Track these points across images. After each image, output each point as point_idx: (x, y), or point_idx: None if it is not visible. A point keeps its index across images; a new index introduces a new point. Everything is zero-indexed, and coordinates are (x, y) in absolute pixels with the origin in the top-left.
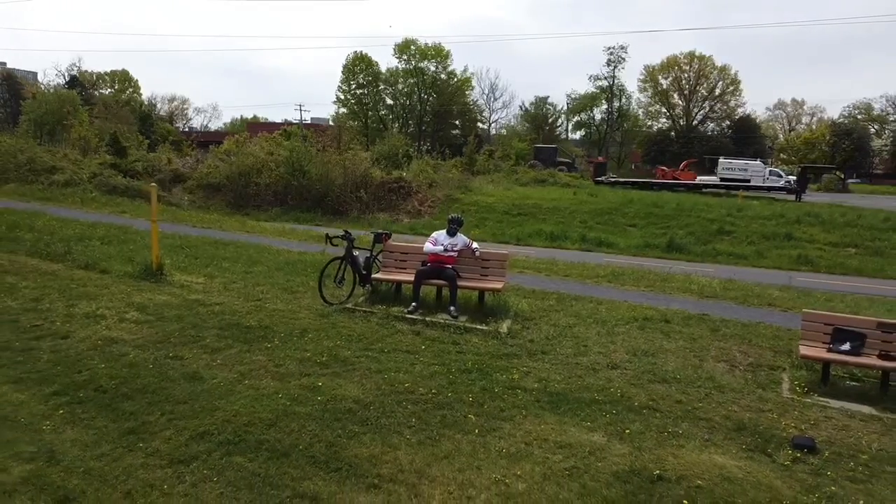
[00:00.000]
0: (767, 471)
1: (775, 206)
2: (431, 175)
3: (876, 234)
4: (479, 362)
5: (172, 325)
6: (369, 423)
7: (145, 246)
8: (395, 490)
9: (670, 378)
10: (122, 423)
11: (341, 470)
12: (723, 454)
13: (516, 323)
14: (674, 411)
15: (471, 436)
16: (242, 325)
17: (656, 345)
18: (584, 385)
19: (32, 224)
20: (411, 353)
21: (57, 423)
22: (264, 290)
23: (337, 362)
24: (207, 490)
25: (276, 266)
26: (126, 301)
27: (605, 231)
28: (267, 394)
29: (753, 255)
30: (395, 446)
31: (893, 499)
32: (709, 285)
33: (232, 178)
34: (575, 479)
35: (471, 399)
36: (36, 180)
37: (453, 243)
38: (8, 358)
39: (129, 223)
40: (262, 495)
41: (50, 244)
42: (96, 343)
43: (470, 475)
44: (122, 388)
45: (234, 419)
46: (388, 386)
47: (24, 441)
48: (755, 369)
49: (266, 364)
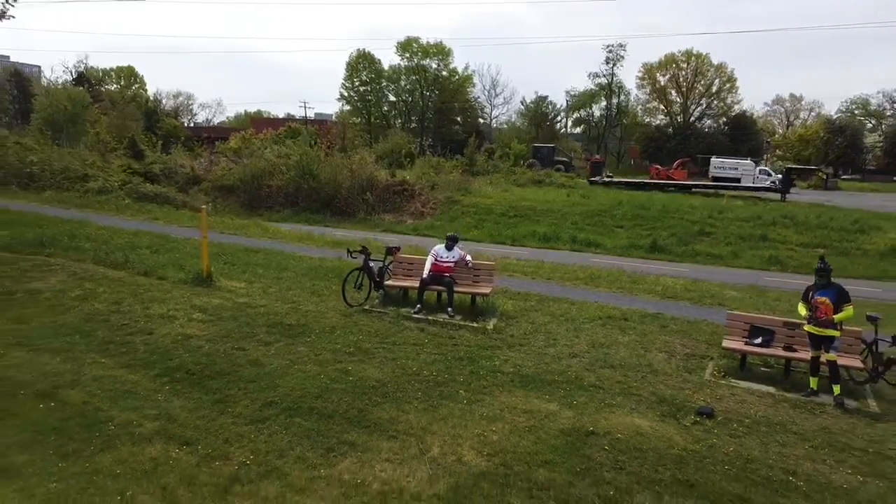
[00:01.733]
0: (671, 429)
1: (755, 208)
2: (433, 177)
3: (844, 235)
4: (469, 352)
5: (230, 323)
6: (387, 395)
7: (188, 254)
8: (407, 440)
9: (617, 364)
10: (211, 395)
11: (369, 427)
12: (642, 418)
13: (501, 321)
14: (613, 389)
15: (461, 405)
16: (285, 323)
17: (612, 339)
18: (548, 370)
19: (85, 233)
20: (417, 345)
21: (166, 396)
22: (296, 293)
23: (360, 352)
24: (279, 439)
25: (302, 272)
26: (189, 304)
27: (594, 232)
28: (312, 375)
29: (729, 256)
30: (406, 411)
31: (755, 446)
32: (672, 287)
33: (245, 180)
34: (532, 434)
35: (462, 379)
36: (71, 188)
37: (451, 256)
38: (114, 349)
39: (165, 231)
40: (317, 442)
41: (109, 253)
42: (176, 338)
43: (459, 430)
44: (205, 371)
45: (291, 393)
46: (400, 370)
47: (148, 407)
48: (688, 358)
49: (308, 354)
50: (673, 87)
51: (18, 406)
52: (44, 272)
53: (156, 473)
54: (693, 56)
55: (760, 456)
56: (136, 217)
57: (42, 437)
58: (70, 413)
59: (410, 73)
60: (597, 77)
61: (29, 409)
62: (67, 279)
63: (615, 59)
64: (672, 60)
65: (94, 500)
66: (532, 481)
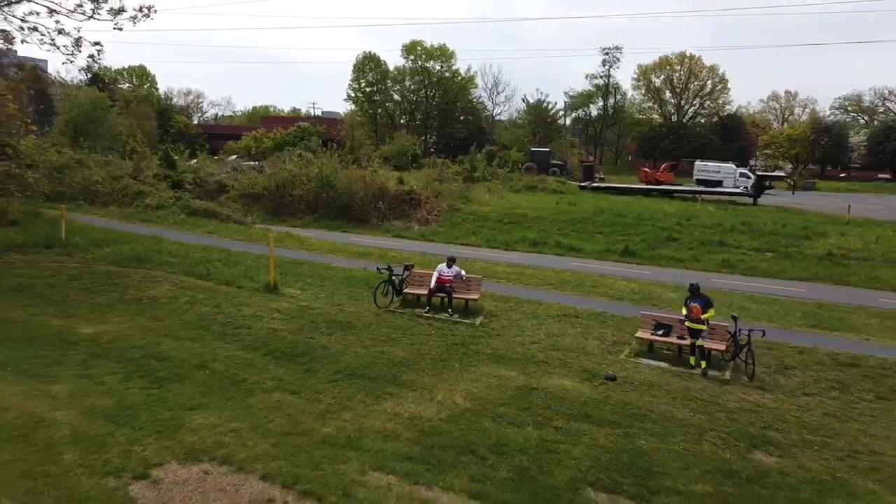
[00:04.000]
0: (585, 387)
1: (719, 215)
2: (437, 187)
3: (791, 240)
4: (462, 340)
5: (300, 321)
6: (409, 366)
7: (252, 266)
8: (422, 391)
9: (562, 348)
10: (301, 366)
11: (399, 384)
12: (569, 381)
13: (486, 319)
14: (555, 363)
15: (455, 372)
16: (336, 320)
17: (563, 331)
18: (513, 351)
19: (164, 248)
20: (427, 335)
21: (273, 366)
22: (338, 298)
23: (390, 340)
24: (347, 391)
25: (339, 280)
26: (267, 307)
27: (576, 238)
28: (360, 355)
29: (690, 260)
30: (421, 376)
31: (635, 397)
32: (623, 289)
33: (270, 189)
34: (498, 389)
35: (456, 357)
36: (131, 203)
37: (450, 272)
38: (230, 338)
39: (225, 245)
40: (369, 393)
41: (192, 266)
42: (268, 330)
43: (454, 386)
44: (292, 352)
45: (350, 365)
46: (416, 351)
47: (265, 373)
48: (614, 344)
49: (356, 341)
50: (667, 87)
51: (187, 373)
52: (152, 283)
53: (281, 409)
54: (686, 58)
55: (636, 402)
56: (194, 231)
57: (209, 390)
58: (220, 377)
59: (415, 73)
60: (594, 78)
61: (194, 375)
62: (172, 288)
63: (611, 61)
64: (666, 62)
65: (249, 421)
66: (496, 413)
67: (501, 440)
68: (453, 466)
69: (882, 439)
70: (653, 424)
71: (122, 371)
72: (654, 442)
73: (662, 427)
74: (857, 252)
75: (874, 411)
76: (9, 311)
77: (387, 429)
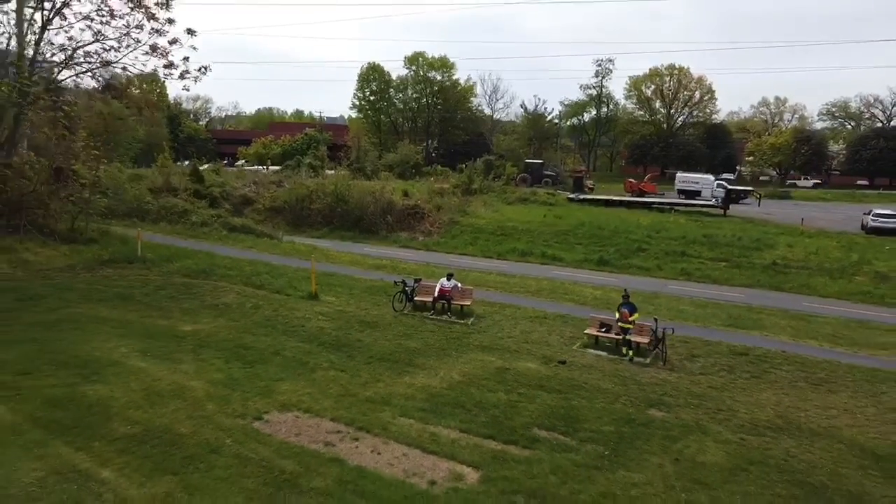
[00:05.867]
0: (543, 368)
1: (685, 227)
2: (438, 201)
3: (743, 251)
4: (458, 335)
5: (339, 321)
6: (420, 353)
7: (294, 277)
8: (430, 370)
9: (531, 341)
10: (344, 353)
11: (414, 366)
12: (533, 364)
13: (476, 320)
14: (524, 352)
15: (452, 358)
16: (365, 321)
17: (533, 329)
18: (495, 344)
19: (220, 262)
20: (432, 332)
21: (325, 353)
22: (365, 304)
23: (405, 335)
24: (379, 370)
25: (363, 289)
26: (313, 311)
27: (559, 248)
28: (385, 346)
29: (654, 268)
30: (428, 359)
31: (578, 375)
32: (587, 296)
33: (290, 203)
34: (482, 369)
35: (453, 347)
36: (178, 221)
37: (449, 284)
38: (291, 334)
39: (265, 259)
40: (394, 371)
41: (248, 278)
42: (318, 329)
43: (452, 367)
44: (337, 344)
45: (378, 353)
46: (424, 343)
47: (321, 358)
48: (570, 339)
49: (381, 336)
50: (657, 97)
51: (268, 358)
52: (222, 292)
53: (335, 381)
54: (675, 69)
55: (577, 378)
56: (236, 246)
57: (286, 369)
58: (290, 360)
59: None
60: (588, 88)
61: (273, 359)
62: (238, 296)
63: (604, 73)
64: (656, 73)
65: (316, 388)
66: (479, 384)
67: (482, 400)
68: (450, 415)
69: (742, 403)
70: (585, 392)
71: (222, 356)
72: (583, 402)
73: (591, 393)
74: (798, 262)
75: (746, 385)
76: (125, 315)
77: (406, 393)
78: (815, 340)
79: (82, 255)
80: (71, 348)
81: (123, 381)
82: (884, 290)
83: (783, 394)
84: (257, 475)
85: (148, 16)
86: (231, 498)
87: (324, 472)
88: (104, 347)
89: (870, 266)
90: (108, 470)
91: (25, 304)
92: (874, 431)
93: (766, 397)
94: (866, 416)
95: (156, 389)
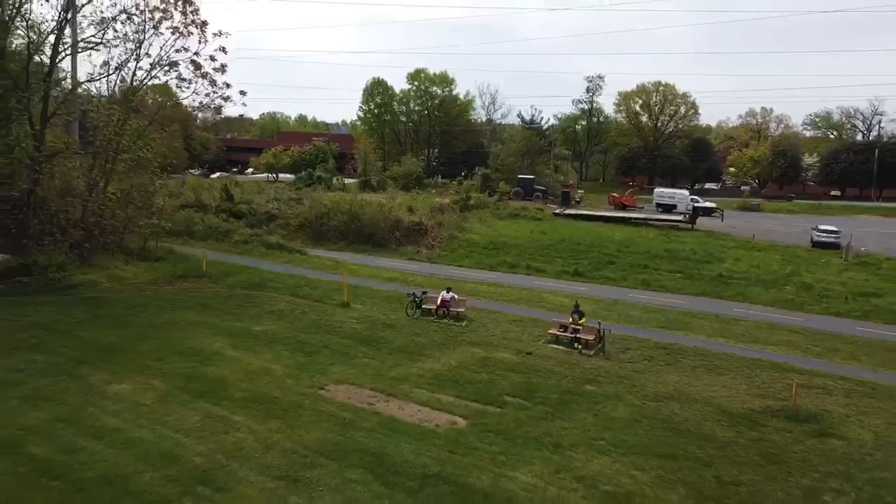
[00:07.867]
0: (516, 357)
1: (652, 243)
2: (439, 217)
3: (696, 264)
4: (455, 334)
5: (367, 323)
6: (428, 347)
7: (328, 289)
8: (435, 359)
9: (508, 338)
10: (373, 347)
11: (423, 355)
12: (507, 354)
13: (468, 322)
14: (502, 346)
15: (450, 350)
16: (386, 324)
17: (511, 329)
18: (482, 340)
19: (266, 276)
20: (436, 332)
21: (359, 346)
22: (385, 311)
23: (416, 334)
24: (399, 359)
25: (383, 299)
26: (347, 316)
27: (542, 261)
28: (402, 341)
29: (620, 279)
30: (433, 351)
31: (540, 361)
32: (557, 303)
33: (310, 219)
34: (471, 357)
35: (451, 344)
36: (223, 239)
37: (449, 295)
38: (334, 333)
39: (300, 272)
40: (410, 359)
41: (292, 289)
42: (354, 329)
43: (450, 357)
44: (368, 340)
45: (398, 346)
46: (430, 340)
47: (358, 350)
48: (538, 336)
49: (398, 334)
50: (644, 112)
51: (319, 350)
52: (275, 301)
53: (369, 365)
54: (662, 85)
55: (538, 364)
56: (276, 262)
57: (333, 357)
58: (335, 352)
59: (419, 97)
60: (579, 103)
61: (323, 350)
62: (288, 305)
63: (594, 89)
64: (643, 90)
65: (356, 370)
66: (469, 368)
67: (470, 378)
68: (448, 387)
69: (652, 382)
70: (543, 373)
71: (288, 349)
72: (540, 380)
73: (546, 375)
74: (741, 273)
75: (659, 370)
76: (210, 319)
77: (418, 373)
78: (725, 338)
79: (159, 272)
80: (182, 342)
81: (227, 365)
82: (805, 298)
83: (683, 375)
84: (329, 420)
85: (210, 81)
86: (316, 431)
87: (369, 419)
88: (204, 342)
89: (798, 277)
90: (237, 416)
91: (134, 311)
92: (737, 400)
93: (671, 378)
94: (737, 391)
95: (250, 370)
